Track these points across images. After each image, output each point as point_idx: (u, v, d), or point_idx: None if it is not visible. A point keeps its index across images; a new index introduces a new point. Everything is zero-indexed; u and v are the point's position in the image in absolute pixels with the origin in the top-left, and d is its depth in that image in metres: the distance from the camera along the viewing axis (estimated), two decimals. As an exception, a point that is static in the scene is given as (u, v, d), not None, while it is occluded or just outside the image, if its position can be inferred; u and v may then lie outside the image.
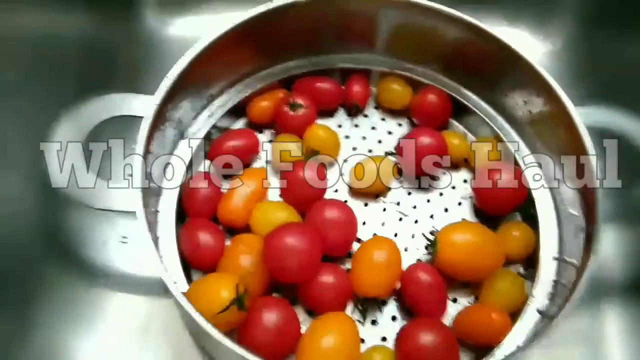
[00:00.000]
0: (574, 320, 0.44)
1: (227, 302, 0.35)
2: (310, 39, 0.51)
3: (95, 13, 0.55)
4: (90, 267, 0.45)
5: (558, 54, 0.60)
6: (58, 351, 0.41)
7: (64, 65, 0.49)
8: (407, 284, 0.41)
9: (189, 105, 0.46)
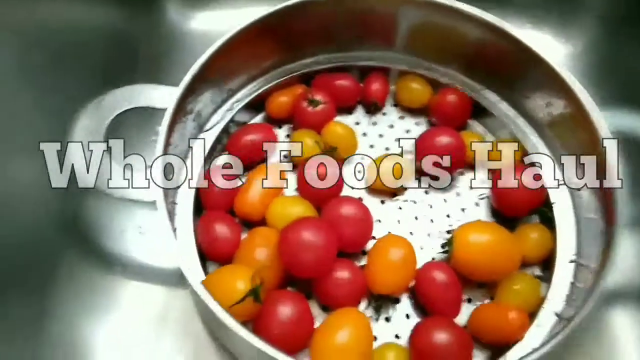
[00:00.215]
0: (591, 323, 0.44)
1: (243, 293, 0.35)
2: (331, 36, 0.51)
3: (120, 6, 0.55)
4: (108, 256, 0.45)
5: (580, 56, 0.59)
6: (75, 339, 0.41)
7: (88, 57, 0.50)
8: (421, 282, 0.41)
9: (209, 98, 0.46)
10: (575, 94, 0.43)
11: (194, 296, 0.41)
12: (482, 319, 0.40)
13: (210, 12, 0.61)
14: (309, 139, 0.47)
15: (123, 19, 0.56)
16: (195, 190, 0.44)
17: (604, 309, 0.45)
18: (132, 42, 0.55)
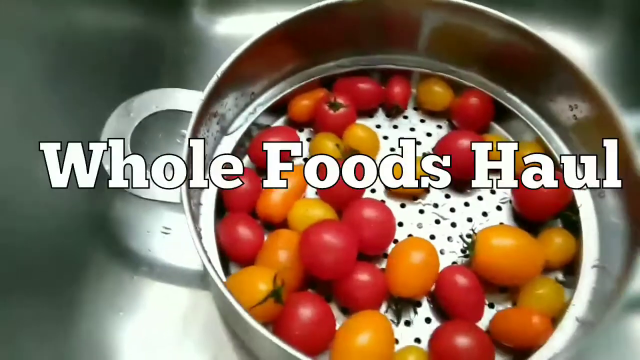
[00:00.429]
0: (613, 329, 0.43)
1: (264, 294, 0.35)
2: (353, 39, 0.51)
3: (146, 12, 0.57)
4: (134, 257, 0.46)
5: (603, 59, 0.59)
6: (102, 338, 0.42)
7: (115, 61, 0.51)
8: (443, 286, 0.41)
9: (232, 102, 0.47)
10: (601, 96, 0.42)
11: (217, 297, 0.41)
12: (504, 323, 0.40)
13: (235, 17, 0.62)
14: (329, 142, 0.47)
15: (150, 25, 0.57)
16: (218, 192, 0.45)
17: (627, 314, 0.44)
18: (159, 47, 0.57)
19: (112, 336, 0.43)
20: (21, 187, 0.39)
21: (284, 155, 0.48)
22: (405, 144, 0.46)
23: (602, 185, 0.43)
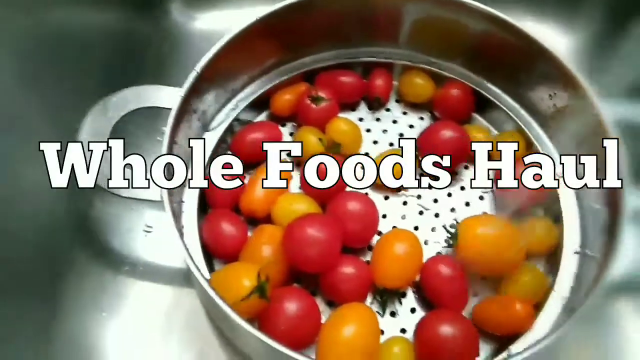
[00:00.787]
0: (596, 314, 0.44)
1: (248, 290, 0.35)
2: (334, 33, 0.51)
3: (123, 8, 0.56)
4: (116, 256, 0.46)
5: (582, 48, 0.59)
6: (84, 337, 0.42)
7: (93, 58, 0.51)
8: (427, 276, 0.41)
9: (213, 97, 0.47)
10: (580, 85, 0.43)
11: (201, 294, 0.41)
12: (488, 311, 0.40)
13: (215, 12, 0.61)
14: (312, 136, 0.47)
15: (127, 21, 0.56)
16: (200, 189, 0.44)
17: (609, 299, 0.45)
18: (137, 44, 0.56)
19: (95, 336, 0.42)
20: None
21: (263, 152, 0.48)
22: (405, 143, 0.46)
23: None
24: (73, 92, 0.46)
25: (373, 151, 0.50)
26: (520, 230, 0.42)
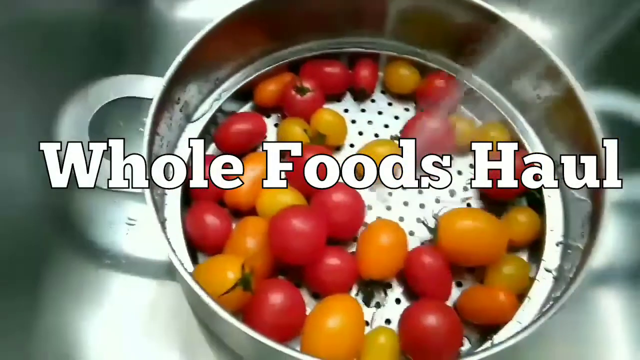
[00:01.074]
0: (579, 303, 0.45)
1: (232, 282, 0.35)
2: (319, 22, 0.51)
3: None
4: (98, 249, 0.45)
5: (568, 37, 0.59)
6: (65, 332, 0.41)
7: (73, 47, 0.49)
8: (411, 267, 0.41)
9: (196, 88, 0.46)
10: (563, 75, 0.43)
11: (184, 287, 0.41)
12: (472, 301, 0.40)
13: (197, 0, 0.60)
14: (297, 127, 0.47)
15: (107, 8, 0.55)
16: (184, 181, 0.44)
17: (592, 289, 0.45)
18: (117, 32, 0.55)
19: (76, 329, 0.42)
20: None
21: (252, 141, 0.48)
22: (405, 143, 0.46)
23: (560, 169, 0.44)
24: (50, 83, 0.45)
25: (358, 142, 0.50)
26: (502, 223, 0.43)
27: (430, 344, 0.37)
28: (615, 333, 0.44)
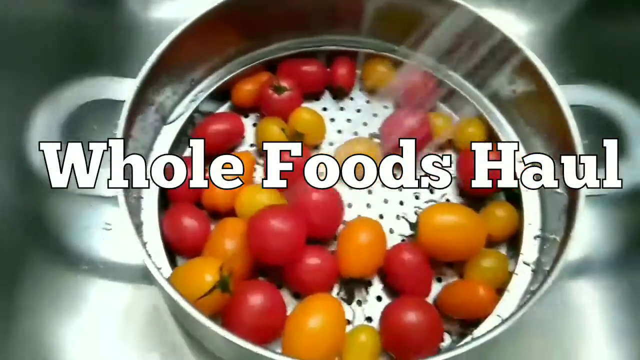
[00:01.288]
0: (557, 296, 0.45)
1: (210, 285, 0.34)
2: (296, 21, 0.50)
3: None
4: (73, 254, 0.44)
5: (543, 33, 0.60)
6: (41, 337, 0.41)
7: (45, 49, 0.48)
8: (391, 264, 0.41)
9: (170, 89, 0.45)
10: (537, 70, 0.43)
11: (162, 291, 0.40)
12: (452, 296, 0.41)
13: (171, 1, 0.59)
14: (274, 127, 0.46)
15: (80, 9, 0.54)
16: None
17: (570, 281, 0.46)
18: (91, 33, 0.54)
19: (52, 336, 0.41)
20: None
21: (229, 142, 0.48)
22: (405, 143, 0.46)
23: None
24: (23, 85, 0.44)
25: (337, 141, 0.50)
26: (480, 217, 0.43)
27: (410, 341, 0.37)
28: (592, 324, 0.45)
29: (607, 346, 0.44)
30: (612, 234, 0.48)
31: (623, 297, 0.46)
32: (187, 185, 0.43)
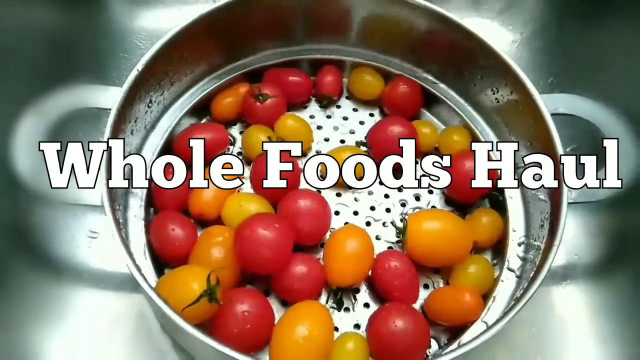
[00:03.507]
0: (542, 301, 0.46)
1: (197, 294, 0.34)
2: (282, 30, 0.51)
3: (61, 4, 0.53)
4: (59, 264, 0.44)
5: (525, 42, 0.61)
6: (27, 347, 0.40)
7: (29, 56, 0.48)
8: (378, 271, 0.41)
9: (155, 98, 0.45)
10: (520, 79, 0.44)
11: (149, 300, 0.40)
12: (438, 302, 0.41)
13: (156, 10, 0.59)
14: (260, 135, 0.46)
15: (65, 18, 0.53)
16: (147, 191, 0.43)
17: (554, 287, 0.47)
18: (76, 42, 0.53)
19: (37, 345, 0.40)
20: None
21: (213, 151, 0.47)
22: (405, 144, 0.46)
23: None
24: (6, 93, 0.44)
25: (324, 149, 0.50)
26: (466, 223, 0.43)
27: (397, 348, 0.37)
28: (577, 329, 0.45)
29: (592, 351, 0.45)
30: (595, 241, 0.49)
31: (606, 302, 0.46)
32: (174, 193, 0.43)
